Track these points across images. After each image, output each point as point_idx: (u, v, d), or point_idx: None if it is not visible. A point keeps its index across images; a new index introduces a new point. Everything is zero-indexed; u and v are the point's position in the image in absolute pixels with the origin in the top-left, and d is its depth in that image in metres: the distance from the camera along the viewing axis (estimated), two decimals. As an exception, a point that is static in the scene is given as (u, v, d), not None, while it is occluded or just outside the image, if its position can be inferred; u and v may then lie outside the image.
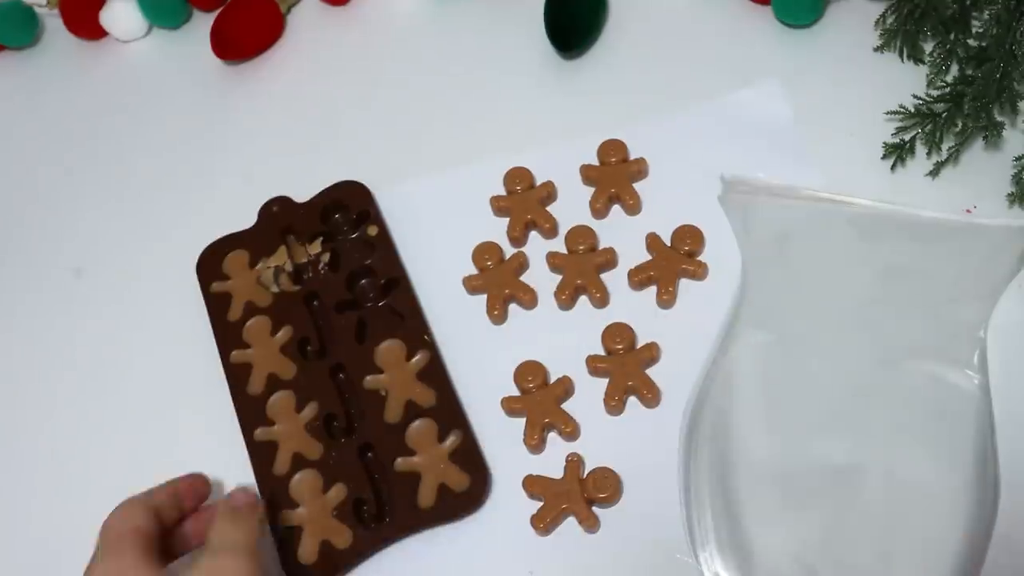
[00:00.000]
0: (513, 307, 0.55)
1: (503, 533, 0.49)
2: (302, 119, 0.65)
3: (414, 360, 0.54)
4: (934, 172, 0.54)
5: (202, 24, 0.69)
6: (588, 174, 0.58)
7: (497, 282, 0.55)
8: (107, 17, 0.69)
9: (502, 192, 0.58)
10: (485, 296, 0.55)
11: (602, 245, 0.56)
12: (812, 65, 0.59)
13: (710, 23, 0.62)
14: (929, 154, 0.54)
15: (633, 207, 0.56)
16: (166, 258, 0.60)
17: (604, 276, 0.55)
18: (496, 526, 0.49)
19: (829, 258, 0.53)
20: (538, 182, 0.58)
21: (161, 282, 0.60)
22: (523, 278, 0.56)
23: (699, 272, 0.54)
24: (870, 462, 0.47)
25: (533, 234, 0.57)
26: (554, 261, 0.55)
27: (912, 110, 0.54)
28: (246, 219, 0.60)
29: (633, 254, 0.55)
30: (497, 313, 0.55)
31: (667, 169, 0.57)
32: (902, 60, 0.58)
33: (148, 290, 0.60)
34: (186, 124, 0.66)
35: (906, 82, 0.56)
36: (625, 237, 0.56)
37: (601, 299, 0.54)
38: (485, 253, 0.56)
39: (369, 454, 0.52)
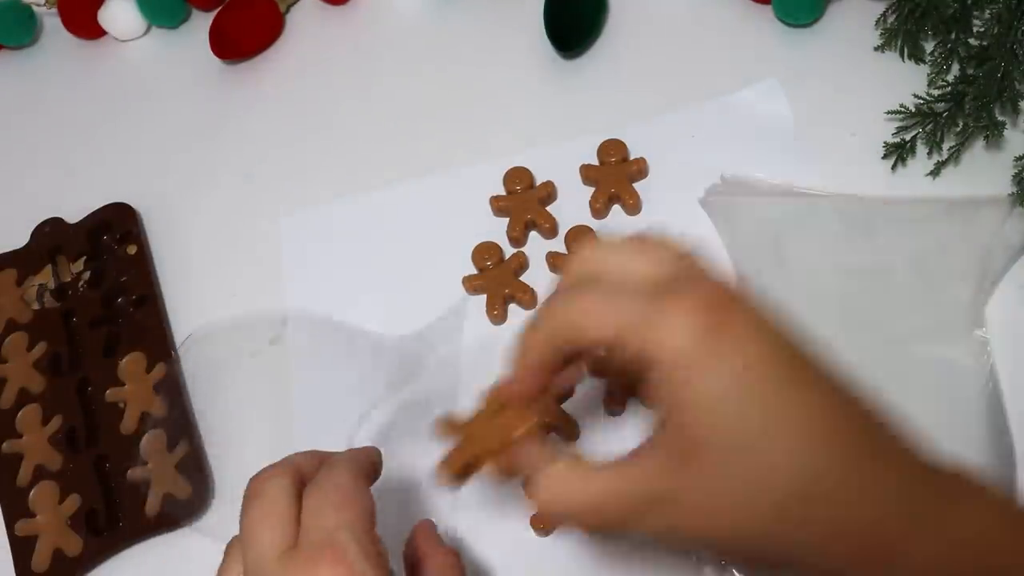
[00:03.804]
0: (513, 307, 0.55)
1: (505, 532, 0.49)
2: (301, 118, 0.65)
3: (152, 372, 0.56)
4: (935, 172, 0.54)
5: (201, 23, 0.69)
6: (588, 174, 0.57)
7: (497, 282, 0.55)
8: (106, 16, 0.69)
9: (502, 192, 0.58)
10: (485, 296, 0.55)
11: (602, 245, 0.56)
12: (812, 65, 0.59)
13: (710, 23, 0.62)
14: (930, 154, 0.54)
15: (633, 207, 0.56)
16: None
17: (604, 276, 0.54)
18: (498, 524, 0.49)
19: (822, 253, 0.53)
20: (538, 182, 0.58)
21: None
22: (523, 278, 0.55)
23: None
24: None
25: (533, 234, 0.57)
26: (554, 261, 0.55)
27: (913, 110, 0.54)
28: (249, 215, 0.60)
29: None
30: (497, 313, 0.54)
31: (667, 169, 0.57)
32: (903, 59, 0.58)
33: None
34: (185, 123, 0.66)
35: (907, 81, 0.56)
36: (625, 237, 0.56)
37: (601, 299, 0.54)
38: (485, 253, 0.56)
39: (107, 464, 0.54)
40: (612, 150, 0.57)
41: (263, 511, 0.35)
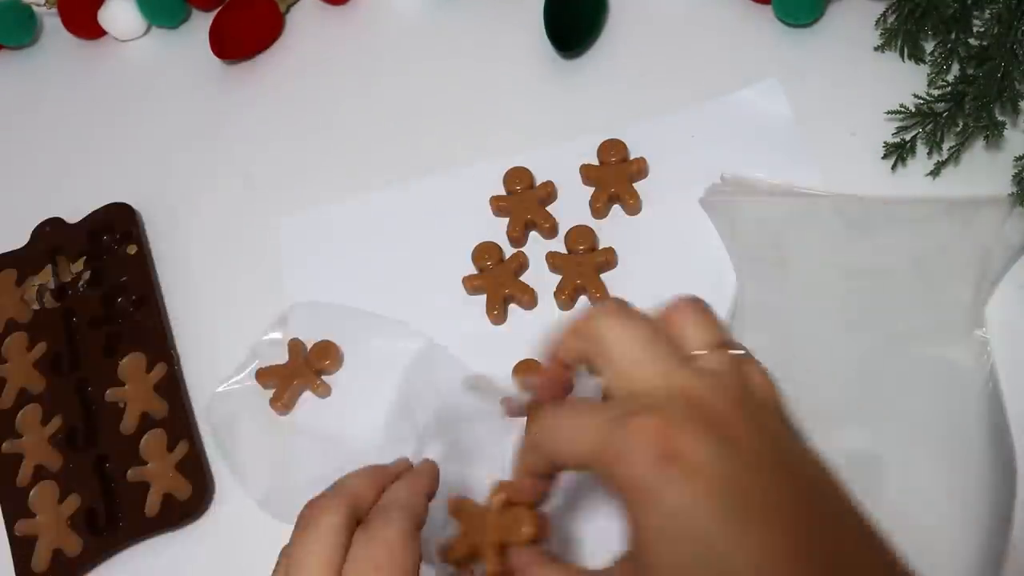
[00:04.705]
0: (513, 307, 0.55)
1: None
2: (301, 118, 0.65)
3: (152, 372, 0.56)
4: (935, 172, 0.54)
5: (201, 23, 0.69)
6: (588, 174, 0.57)
7: (497, 282, 0.55)
8: (106, 16, 0.69)
9: (502, 192, 0.58)
10: (485, 296, 0.55)
11: (602, 245, 0.56)
12: (812, 65, 0.59)
13: (710, 23, 0.62)
14: (930, 154, 0.54)
15: (633, 207, 0.56)
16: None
17: (604, 276, 0.54)
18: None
19: (822, 253, 0.53)
20: (538, 182, 0.58)
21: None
22: (523, 278, 0.55)
23: None
24: (887, 452, 0.47)
25: (533, 234, 0.57)
26: (554, 261, 0.55)
27: (913, 110, 0.54)
28: (249, 215, 0.61)
29: (632, 254, 0.55)
30: (497, 313, 0.54)
31: (667, 169, 0.57)
32: (903, 59, 0.58)
33: None
34: (185, 123, 0.66)
35: (907, 81, 0.56)
36: (625, 237, 0.56)
37: (601, 299, 0.54)
38: (485, 253, 0.56)
39: (107, 464, 0.54)
40: (612, 150, 0.57)
41: (309, 551, 0.36)
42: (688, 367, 0.33)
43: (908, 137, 0.54)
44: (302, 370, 0.54)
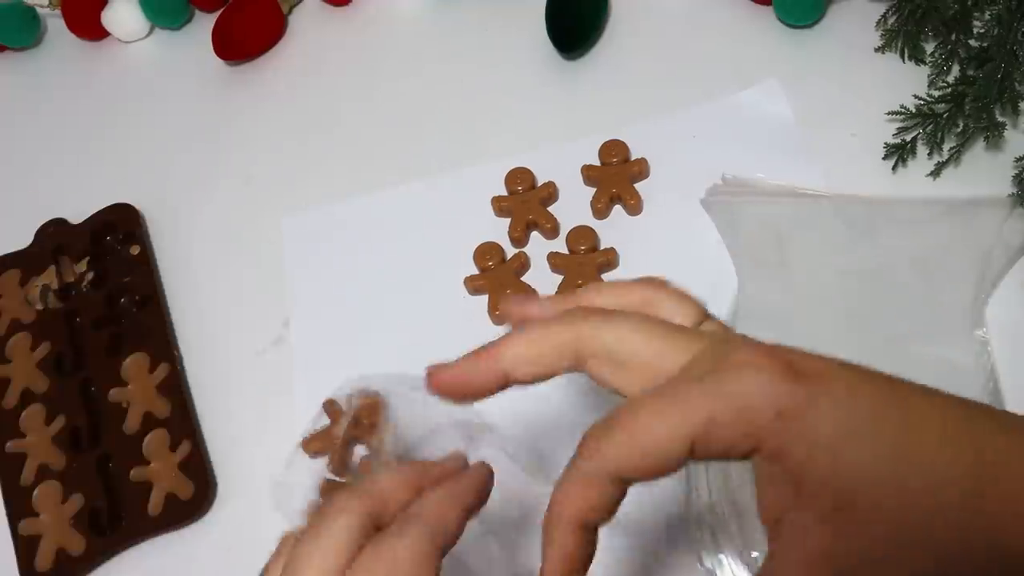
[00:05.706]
0: (514, 307, 0.55)
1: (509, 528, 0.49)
2: (304, 119, 0.65)
3: (155, 372, 0.56)
4: (935, 173, 0.54)
5: (204, 24, 0.69)
6: (589, 174, 0.58)
7: (498, 282, 0.55)
8: (109, 17, 0.69)
9: (503, 192, 0.58)
10: (486, 296, 0.55)
11: (603, 245, 0.56)
12: (813, 65, 0.59)
13: (711, 23, 0.62)
14: (930, 155, 0.54)
15: (634, 207, 0.56)
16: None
17: (605, 276, 0.55)
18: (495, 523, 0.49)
19: (823, 253, 0.53)
20: (539, 182, 0.58)
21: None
22: (524, 278, 0.56)
23: None
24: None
25: (534, 234, 0.57)
26: (555, 261, 0.55)
27: (913, 110, 0.54)
28: (251, 216, 0.61)
29: (634, 254, 0.55)
30: (498, 314, 0.55)
31: (668, 169, 0.57)
32: (903, 60, 0.58)
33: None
34: (187, 124, 0.67)
35: (907, 82, 0.56)
36: (626, 237, 0.56)
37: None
38: (486, 253, 0.56)
39: (110, 464, 0.54)
40: (613, 150, 0.58)
41: (315, 548, 0.33)
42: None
43: (909, 138, 0.54)
44: (349, 428, 0.51)
